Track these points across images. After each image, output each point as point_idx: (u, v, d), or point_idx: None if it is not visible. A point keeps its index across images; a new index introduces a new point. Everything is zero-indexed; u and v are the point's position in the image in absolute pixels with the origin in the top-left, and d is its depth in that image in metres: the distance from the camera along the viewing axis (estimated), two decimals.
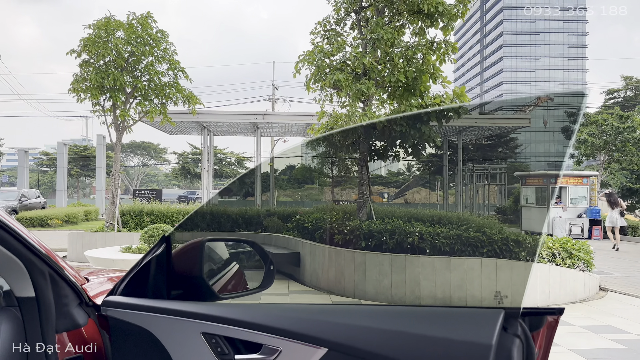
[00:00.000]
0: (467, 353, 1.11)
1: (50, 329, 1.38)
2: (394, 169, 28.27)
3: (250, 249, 2.07)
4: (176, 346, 1.32)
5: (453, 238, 8.73)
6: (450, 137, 18.97)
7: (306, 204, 17.49)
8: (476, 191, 21.83)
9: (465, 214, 13.21)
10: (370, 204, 10.54)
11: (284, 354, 1.25)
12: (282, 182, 24.90)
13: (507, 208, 19.83)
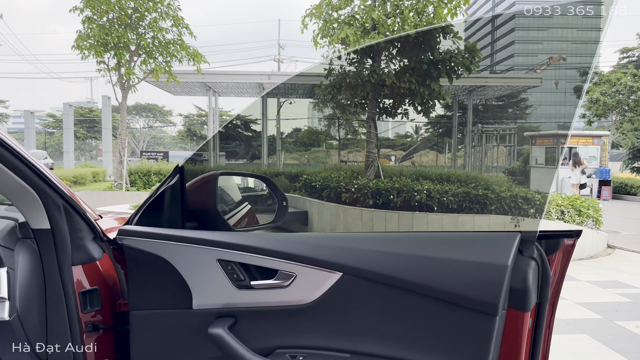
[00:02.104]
0: (482, 273, 1.09)
1: (66, 261, 1.40)
2: (402, 132, 28.05)
3: (261, 193, 2.04)
4: (192, 273, 1.33)
5: (461, 195, 8.68)
6: (459, 97, 18.73)
7: (313, 167, 17.43)
8: (485, 153, 21.74)
9: (474, 171, 13.14)
10: (378, 162, 10.47)
11: (299, 279, 1.24)
12: (288, 145, 24.81)
13: (516, 169, 19.76)
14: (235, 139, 25.27)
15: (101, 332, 1.49)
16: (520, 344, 1.16)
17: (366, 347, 1.20)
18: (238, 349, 1.22)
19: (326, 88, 10.09)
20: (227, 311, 1.30)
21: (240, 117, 21.94)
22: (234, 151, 25.71)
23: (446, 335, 1.13)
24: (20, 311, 1.31)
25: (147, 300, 1.37)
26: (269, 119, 20.53)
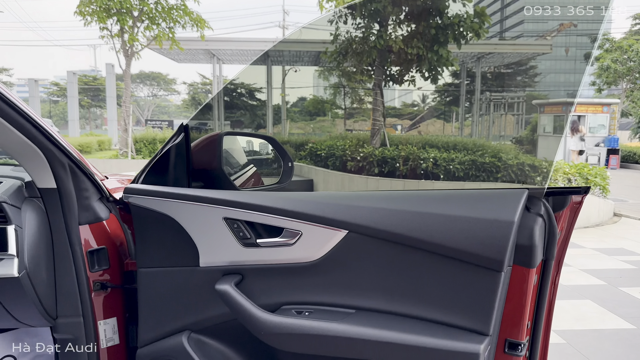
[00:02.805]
0: (488, 230, 1.08)
1: (73, 221, 1.41)
2: (408, 101, 27.81)
3: (267, 156, 2.03)
4: (198, 231, 1.33)
5: (468, 163, 8.64)
6: (468, 65, 18.44)
7: (318, 136, 17.39)
8: (492, 121, 21.55)
9: (481, 139, 13.06)
10: (384, 130, 10.41)
11: (305, 237, 1.24)
12: (293, 114, 24.68)
13: (523, 138, 19.59)
14: (240, 108, 25.14)
15: (109, 291, 1.51)
16: (525, 300, 1.16)
17: (371, 303, 1.21)
18: (245, 305, 1.23)
19: (332, 54, 9.93)
20: (234, 269, 1.31)
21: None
22: (238, 120, 25.60)
23: (451, 292, 1.13)
24: (29, 268, 1.32)
25: (154, 258, 1.38)
26: (273, 87, 20.32)
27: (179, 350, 1.34)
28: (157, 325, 1.40)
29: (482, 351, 1.06)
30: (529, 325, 1.20)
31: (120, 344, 1.55)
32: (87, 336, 1.46)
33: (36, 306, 1.36)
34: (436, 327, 1.13)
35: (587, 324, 4.01)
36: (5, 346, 1.79)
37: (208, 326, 1.36)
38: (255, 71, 21.11)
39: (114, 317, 1.53)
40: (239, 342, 1.35)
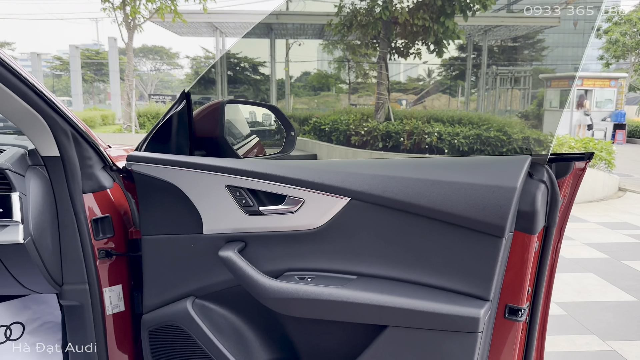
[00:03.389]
0: (490, 196, 1.08)
1: (77, 189, 1.42)
2: (414, 75, 27.50)
3: (269, 127, 2.02)
4: (201, 199, 1.33)
5: (473, 138, 8.59)
6: (474, 38, 18.17)
7: (322, 111, 17.22)
8: (499, 96, 21.24)
9: (486, 113, 12.99)
10: (388, 104, 10.33)
11: (307, 204, 1.24)
12: (297, 89, 24.38)
13: (529, 112, 19.45)
14: (243, 82, 24.93)
15: (114, 259, 1.53)
16: (526, 266, 1.16)
17: (373, 269, 1.22)
18: (248, 271, 1.24)
19: (336, 27, 9.81)
20: (237, 236, 1.32)
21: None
22: (242, 95, 25.41)
23: (452, 258, 1.13)
24: (34, 235, 1.33)
25: (158, 226, 1.38)
26: (277, 62, 20.11)
27: (184, 315, 1.36)
28: (162, 291, 1.41)
29: (482, 316, 1.07)
30: (530, 292, 1.21)
31: (126, 311, 1.57)
32: (92, 303, 1.48)
33: (42, 273, 1.38)
34: (437, 292, 1.14)
35: (589, 296, 4.04)
36: (14, 313, 1.82)
37: (212, 292, 1.37)
38: (258, 44, 20.77)
39: (119, 284, 1.55)
40: (243, 307, 1.37)
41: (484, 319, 1.08)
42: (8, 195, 1.30)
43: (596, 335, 3.33)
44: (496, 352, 1.22)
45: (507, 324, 1.20)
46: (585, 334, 3.36)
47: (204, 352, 1.34)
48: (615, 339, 3.28)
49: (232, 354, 1.33)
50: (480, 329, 1.08)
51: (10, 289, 1.54)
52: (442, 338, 1.11)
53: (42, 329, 1.80)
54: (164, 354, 1.41)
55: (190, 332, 1.35)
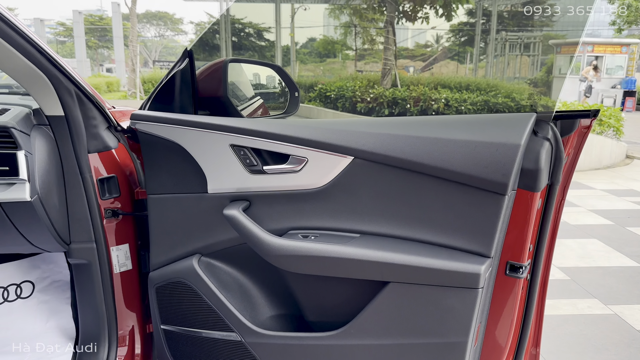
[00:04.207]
0: (494, 153, 1.08)
1: (82, 149, 1.43)
2: (421, 41, 26.99)
3: (274, 90, 2.00)
4: (205, 158, 1.34)
5: (480, 104, 8.51)
6: (484, 2, 17.75)
7: (328, 78, 16.99)
8: (507, 63, 20.88)
9: (494, 79, 12.82)
10: (395, 70, 10.20)
11: (311, 164, 1.25)
12: (303, 56, 24.02)
13: (538, 79, 19.15)
14: (248, 49, 24.61)
15: (120, 218, 1.54)
16: (528, 223, 1.16)
17: (376, 227, 1.22)
18: (252, 228, 1.25)
19: None
20: (241, 195, 1.32)
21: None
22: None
23: (454, 215, 1.14)
24: (41, 193, 1.34)
25: (163, 185, 1.39)
26: (282, 27, 19.80)
27: (190, 272, 1.38)
28: (168, 249, 1.43)
29: (483, 272, 1.08)
30: (531, 249, 1.22)
31: (133, 270, 1.60)
32: (100, 261, 1.51)
33: (49, 231, 1.40)
34: (439, 249, 1.15)
35: (592, 262, 4.06)
36: (24, 272, 1.86)
37: (217, 250, 1.39)
38: (263, 9, 20.40)
39: (126, 243, 1.57)
40: (248, 265, 1.39)
41: (484, 275, 1.09)
42: (14, 153, 1.31)
43: (598, 299, 3.37)
44: (497, 308, 1.24)
45: (508, 280, 1.21)
46: (587, 298, 3.39)
47: (210, 307, 1.37)
48: (616, 303, 3.32)
49: (237, 309, 1.36)
50: (481, 285, 1.09)
51: (19, 247, 1.57)
52: (443, 293, 1.12)
53: (52, 287, 1.85)
54: (171, 309, 1.44)
55: (196, 288, 1.38)
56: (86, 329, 1.59)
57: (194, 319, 1.41)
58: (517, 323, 1.27)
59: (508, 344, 1.28)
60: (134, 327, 1.64)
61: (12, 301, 1.80)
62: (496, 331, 1.27)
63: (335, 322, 1.28)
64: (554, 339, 2.86)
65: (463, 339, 1.13)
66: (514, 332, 1.28)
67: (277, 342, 1.32)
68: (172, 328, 1.45)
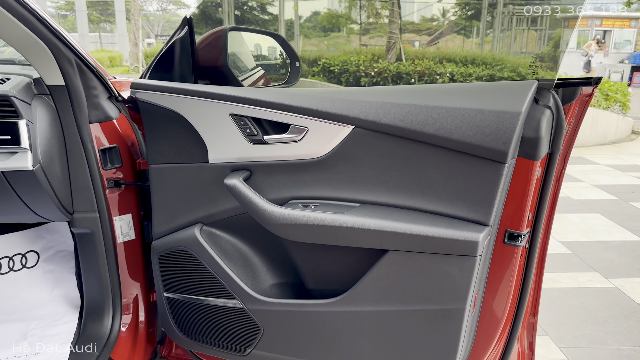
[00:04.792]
0: (494, 121, 1.08)
1: (83, 119, 1.44)
2: (427, 15, 26.59)
3: (275, 62, 1.99)
4: (206, 127, 1.34)
5: (486, 78, 8.44)
6: None
7: (332, 53, 16.78)
8: (514, 37, 20.59)
9: (500, 53, 12.67)
10: (400, 44, 10.09)
11: (311, 133, 1.24)
12: (306, 30, 23.73)
13: (545, 54, 18.93)
14: (251, 23, 24.30)
15: (123, 188, 1.55)
16: (527, 192, 1.16)
17: (375, 197, 1.23)
18: (253, 197, 1.26)
19: None
20: (242, 165, 1.33)
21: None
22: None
23: (454, 184, 1.14)
24: (43, 162, 1.35)
25: (164, 155, 1.40)
26: (286, 0, 19.51)
27: (192, 241, 1.40)
28: (170, 219, 1.45)
29: (482, 240, 1.09)
30: (530, 218, 1.22)
31: (137, 240, 1.62)
32: (103, 231, 1.53)
33: (52, 200, 1.41)
34: (438, 218, 1.15)
35: (594, 236, 4.07)
36: (28, 242, 1.88)
37: (219, 220, 1.40)
38: None
39: (129, 213, 1.59)
40: (249, 234, 1.40)
41: (483, 243, 1.10)
42: (15, 122, 1.31)
43: (599, 273, 3.39)
44: (495, 276, 1.25)
45: (507, 249, 1.22)
46: (588, 272, 3.41)
47: (212, 275, 1.39)
48: (617, 277, 3.33)
49: (239, 277, 1.37)
50: (479, 253, 1.10)
51: (23, 217, 1.58)
52: (442, 261, 1.13)
53: (56, 257, 1.87)
54: (174, 277, 1.46)
55: (198, 257, 1.39)
56: (90, 297, 1.62)
57: (197, 286, 1.43)
58: (515, 291, 1.29)
59: (506, 312, 1.29)
60: (137, 295, 1.67)
61: (17, 270, 1.83)
62: (494, 299, 1.28)
63: (335, 290, 1.29)
64: (553, 311, 2.89)
65: (461, 306, 1.15)
66: (512, 301, 1.29)
67: (278, 309, 1.34)
68: (175, 296, 1.47)
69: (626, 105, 8.04)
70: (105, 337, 1.57)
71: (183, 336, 1.52)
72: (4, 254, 1.83)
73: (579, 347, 2.53)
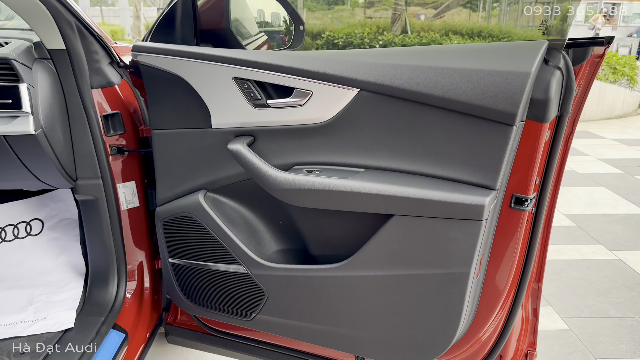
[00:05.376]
0: (503, 82, 1.05)
1: (85, 84, 1.42)
2: None
3: (278, 28, 1.95)
4: (208, 92, 1.32)
5: None
6: None
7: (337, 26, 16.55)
8: (522, 11, 20.37)
9: (507, 25, 12.47)
10: (405, 15, 9.93)
11: (315, 97, 1.22)
12: (310, 3, 23.53)
13: (552, 28, 18.52)
14: None
15: (126, 155, 1.54)
16: (535, 156, 1.14)
17: (381, 162, 1.21)
18: (257, 163, 1.25)
19: None
20: (245, 130, 1.31)
21: None
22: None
23: (460, 148, 1.12)
24: (45, 127, 1.34)
25: (167, 120, 1.38)
26: None
27: (196, 206, 1.39)
28: (174, 185, 1.44)
29: (488, 204, 1.08)
30: (538, 182, 1.20)
31: (141, 207, 1.62)
32: (107, 198, 1.52)
33: (55, 165, 1.40)
34: (444, 182, 1.14)
35: (599, 209, 4.06)
36: (33, 210, 1.88)
37: (223, 186, 1.39)
38: None
39: (133, 180, 1.58)
40: (253, 200, 1.39)
41: (489, 207, 1.09)
42: (16, 86, 1.29)
43: (603, 245, 3.39)
44: (501, 241, 1.24)
45: (513, 213, 1.21)
46: (592, 244, 3.41)
47: (217, 241, 1.38)
48: (621, 249, 3.33)
49: (243, 243, 1.37)
50: (485, 217, 1.09)
51: (26, 183, 1.58)
52: (447, 225, 1.12)
53: (61, 225, 1.88)
54: (179, 243, 1.46)
55: (203, 223, 1.39)
56: (95, 264, 1.63)
57: (201, 252, 1.43)
58: (520, 257, 1.28)
59: (510, 278, 1.29)
60: (142, 262, 1.67)
61: (22, 238, 1.84)
62: (499, 264, 1.27)
63: (338, 256, 1.29)
64: (557, 282, 2.90)
65: (465, 270, 1.14)
66: (517, 266, 1.28)
67: (283, 274, 1.34)
68: (180, 262, 1.48)
69: (634, 79, 7.93)
70: (111, 303, 1.58)
71: (188, 302, 1.53)
72: (8, 221, 1.84)
73: (581, 318, 2.55)
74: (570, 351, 2.30)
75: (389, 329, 1.28)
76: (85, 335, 1.42)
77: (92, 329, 1.45)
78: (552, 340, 2.38)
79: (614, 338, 2.39)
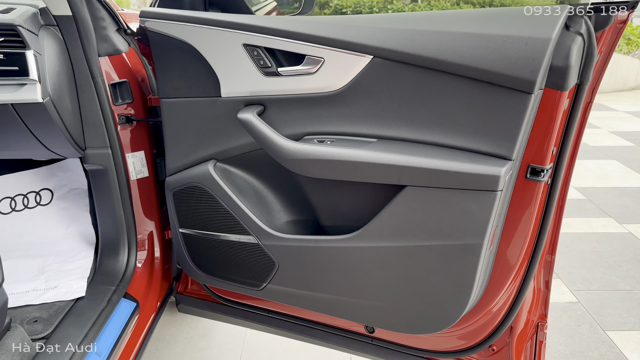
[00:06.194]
0: (522, 48, 1.02)
1: (92, 51, 1.40)
2: None
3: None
4: (217, 59, 1.29)
5: None
6: None
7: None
8: None
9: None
10: None
11: (327, 64, 1.19)
12: None
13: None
14: None
15: (135, 124, 1.53)
16: (553, 125, 1.11)
17: (394, 132, 1.18)
18: (267, 132, 1.22)
19: None
20: (256, 99, 1.28)
21: None
22: None
23: (476, 117, 1.09)
24: (53, 95, 1.32)
25: (175, 88, 1.36)
26: None
27: (206, 177, 1.38)
28: (184, 155, 1.42)
29: (503, 175, 1.05)
30: (554, 152, 1.17)
31: (150, 177, 1.61)
32: (116, 167, 1.51)
33: (64, 134, 1.39)
34: (459, 152, 1.11)
35: (610, 182, 4.02)
36: (42, 180, 1.88)
37: (233, 156, 1.38)
38: None
39: (142, 150, 1.57)
40: (263, 170, 1.38)
41: (504, 177, 1.06)
42: (22, 53, 1.27)
43: (613, 219, 3.36)
44: (515, 212, 1.22)
45: (528, 184, 1.18)
46: (602, 217, 3.39)
47: (227, 211, 1.38)
48: (631, 222, 3.31)
49: (253, 213, 1.36)
50: (500, 188, 1.06)
51: (35, 152, 1.57)
52: (461, 196, 1.10)
53: (70, 194, 1.87)
54: (189, 213, 1.45)
55: (213, 193, 1.38)
56: (105, 234, 1.63)
57: (212, 222, 1.43)
58: (535, 228, 1.26)
59: (524, 249, 1.27)
60: (152, 232, 1.67)
61: (32, 208, 1.84)
62: (513, 236, 1.26)
63: (349, 227, 1.28)
64: (566, 255, 2.89)
65: (478, 241, 1.13)
66: (531, 238, 1.27)
67: (293, 245, 1.34)
68: (190, 231, 1.47)
69: None
70: (121, 272, 1.59)
71: (199, 271, 1.53)
72: (18, 191, 1.84)
73: (590, 290, 2.55)
74: (578, 323, 2.30)
75: (400, 299, 1.28)
76: (97, 304, 1.43)
77: (104, 298, 1.46)
78: (560, 312, 2.38)
79: (623, 310, 2.39)
